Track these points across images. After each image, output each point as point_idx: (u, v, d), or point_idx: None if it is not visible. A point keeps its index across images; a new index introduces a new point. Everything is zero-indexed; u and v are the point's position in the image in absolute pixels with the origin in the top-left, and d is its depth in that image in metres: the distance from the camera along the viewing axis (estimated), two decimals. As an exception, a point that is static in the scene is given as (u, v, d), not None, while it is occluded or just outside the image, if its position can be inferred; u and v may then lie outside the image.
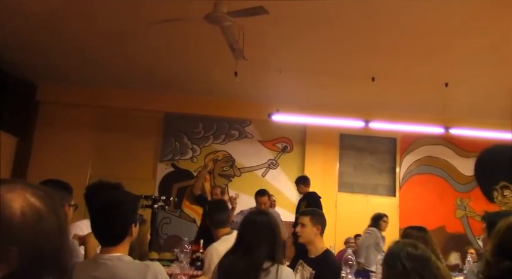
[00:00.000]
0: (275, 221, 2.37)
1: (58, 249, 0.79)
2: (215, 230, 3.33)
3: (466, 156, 8.23)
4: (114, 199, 1.83)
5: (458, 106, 7.25)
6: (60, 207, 0.85)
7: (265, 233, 2.27)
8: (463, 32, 4.88)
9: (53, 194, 0.83)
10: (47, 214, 0.78)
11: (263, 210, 2.57)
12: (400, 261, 1.82)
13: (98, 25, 5.33)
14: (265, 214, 2.44)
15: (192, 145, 8.08)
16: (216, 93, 7.59)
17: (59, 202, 0.86)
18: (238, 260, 2.22)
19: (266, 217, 2.37)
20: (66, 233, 0.83)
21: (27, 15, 5.12)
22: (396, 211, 7.92)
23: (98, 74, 7.17)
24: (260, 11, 3.84)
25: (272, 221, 2.34)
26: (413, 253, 1.84)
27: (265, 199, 5.58)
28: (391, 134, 8.10)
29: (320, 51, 5.65)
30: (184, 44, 5.74)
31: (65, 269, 0.80)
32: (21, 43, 6.02)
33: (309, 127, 7.97)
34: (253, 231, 2.28)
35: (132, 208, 1.87)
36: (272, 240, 2.27)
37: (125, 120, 7.95)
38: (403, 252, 1.84)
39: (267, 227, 2.30)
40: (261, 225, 2.30)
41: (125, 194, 1.90)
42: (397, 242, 1.94)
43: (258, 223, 2.31)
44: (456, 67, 5.82)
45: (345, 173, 8.17)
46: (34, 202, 0.77)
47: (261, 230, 2.28)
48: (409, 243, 1.90)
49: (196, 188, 7.25)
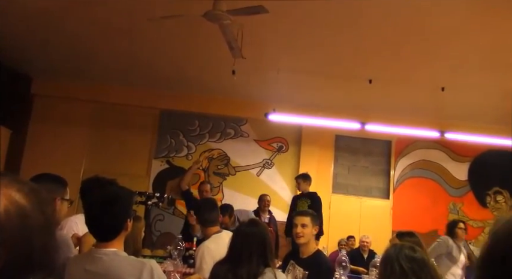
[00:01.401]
0: (265, 231, 2.39)
1: (45, 247, 0.77)
2: (205, 228, 3.32)
3: (460, 160, 8.26)
4: (109, 194, 1.83)
5: (454, 110, 7.29)
6: (47, 203, 0.83)
7: (255, 245, 2.29)
8: (461, 34, 4.90)
9: (38, 190, 0.81)
10: (31, 211, 0.76)
11: (254, 220, 2.58)
12: (398, 262, 1.84)
13: (96, 20, 5.29)
14: (256, 224, 2.45)
15: (187, 142, 8.06)
16: (213, 91, 7.57)
17: (45, 197, 0.84)
18: (227, 271, 2.23)
19: (256, 228, 2.38)
20: (53, 229, 0.82)
21: (25, 8, 5.08)
22: (389, 213, 7.94)
23: (95, 69, 7.13)
24: (260, 9, 3.83)
25: (262, 232, 2.36)
26: (411, 255, 1.86)
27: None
28: (386, 137, 8.13)
29: (318, 52, 5.65)
30: (183, 41, 5.72)
31: (52, 266, 0.79)
32: (18, 36, 5.98)
33: (305, 128, 7.97)
34: (243, 243, 2.30)
35: (127, 203, 1.87)
36: (263, 250, 2.28)
37: (120, 116, 7.91)
38: (401, 254, 1.86)
39: (258, 239, 2.31)
40: (251, 236, 2.32)
41: (120, 190, 1.91)
42: (395, 245, 1.96)
43: (248, 235, 2.33)
44: (453, 71, 5.84)
45: (340, 174, 8.18)
46: (18, 200, 0.75)
47: (251, 241, 2.29)
48: (407, 246, 1.92)
49: (184, 183, 7.16)
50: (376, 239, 6.67)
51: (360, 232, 7.20)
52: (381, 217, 7.82)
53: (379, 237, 6.14)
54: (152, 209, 5.95)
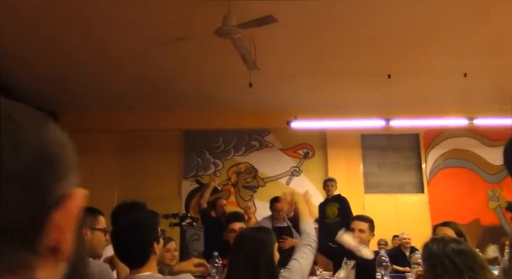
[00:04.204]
0: (272, 238, 2.16)
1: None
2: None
3: (493, 145, 8.02)
4: (130, 220, 1.79)
5: (480, 95, 7.10)
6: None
7: (243, 258, 2.05)
8: (473, 20, 4.79)
9: None
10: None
11: (261, 227, 2.46)
12: (448, 258, 1.75)
13: (107, 49, 5.42)
14: (262, 230, 2.28)
15: (214, 159, 8.11)
16: (232, 105, 7.61)
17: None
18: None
19: (262, 233, 2.19)
20: (82, 260, 0.81)
21: (45, 47, 5.26)
22: (426, 207, 7.76)
23: (115, 98, 7.29)
24: (269, 19, 3.86)
25: (268, 238, 2.13)
26: (459, 248, 1.78)
27: (280, 205, 5.45)
28: (413, 130, 7.98)
29: (332, 52, 5.63)
30: (197, 60, 5.80)
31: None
32: (41, 76, 6.18)
33: (329, 131, 7.91)
34: (233, 254, 2.12)
35: (151, 226, 1.83)
36: (254, 264, 2.01)
37: (146, 141, 8.04)
38: (448, 249, 1.78)
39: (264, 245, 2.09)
40: (240, 249, 2.10)
41: (143, 213, 1.86)
42: (435, 240, 1.89)
43: (237, 247, 2.13)
44: (472, 56, 5.71)
45: (370, 173, 8.06)
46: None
47: (239, 253, 2.09)
48: (450, 240, 1.85)
49: (203, 200, 6.81)
50: (415, 235, 6.50)
51: (399, 229, 7.04)
52: (418, 212, 7.64)
53: (419, 233, 5.98)
54: (188, 229, 5.97)
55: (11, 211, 0.43)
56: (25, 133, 0.45)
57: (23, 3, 4.29)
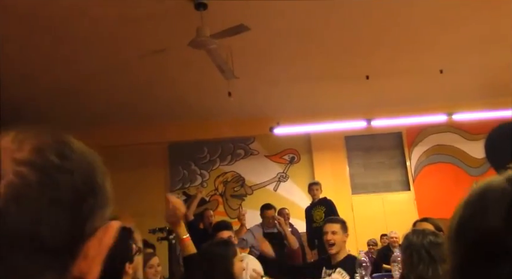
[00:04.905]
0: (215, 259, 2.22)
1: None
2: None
3: (474, 139, 8.13)
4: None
5: (457, 90, 7.21)
6: None
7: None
8: (449, 19, 4.88)
9: None
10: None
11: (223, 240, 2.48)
12: (425, 249, 1.82)
13: (86, 66, 5.39)
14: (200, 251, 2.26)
15: (200, 170, 8.08)
16: (214, 115, 7.61)
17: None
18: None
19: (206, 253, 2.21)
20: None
21: (20, 67, 5.21)
22: (414, 204, 7.83)
23: (96, 114, 7.21)
24: (241, 28, 3.88)
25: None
26: (436, 241, 1.84)
27: (271, 212, 5.46)
28: (395, 129, 8.07)
29: (308, 56, 5.67)
30: (175, 72, 5.79)
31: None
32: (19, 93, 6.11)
33: (313, 135, 7.95)
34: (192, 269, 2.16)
35: (119, 246, 1.77)
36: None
37: (129, 156, 7.96)
38: (426, 241, 1.84)
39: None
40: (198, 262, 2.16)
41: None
42: (416, 231, 1.94)
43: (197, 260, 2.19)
44: (448, 53, 5.81)
45: (356, 174, 8.11)
46: None
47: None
48: (429, 232, 1.90)
49: (190, 212, 6.41)
50: (404, 233, 6.54)
51: (388, 228, 7.08)
52: (405, 209, 7.70)
53: (407, 230, 6.02)
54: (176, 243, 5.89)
55: (60, 232, 0.43)
56: (78, 158, 0.47)
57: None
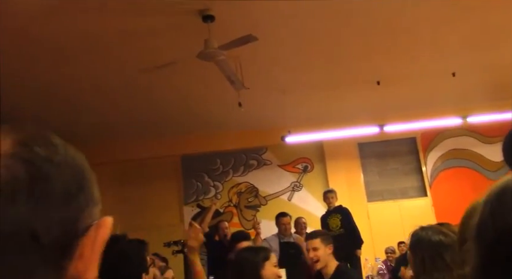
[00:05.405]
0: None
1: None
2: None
3: (490, 142, 7.99)
4: (115, 255, 1.70)
5: (471, 92, 7.11)
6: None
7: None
8: (455, 19, 4.83)
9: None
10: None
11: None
12: (437, 253, 1.75)
13: (99, 81, 5.45)
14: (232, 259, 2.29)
15: (213, 182, 8.06)
16: (226, 126, 7.61)
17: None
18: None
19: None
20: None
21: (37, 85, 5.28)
22: (431, 210, 7.68)
23: (109, 129, 7.28)
24: (249, 38, 3.88)
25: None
26: (447, 242, 1.77)
27: (287, 219, 5.43)
28: (409, 134, 7.96)
29: (319, 64, 5.65)
30: (185, 85, 5.81)
31: None
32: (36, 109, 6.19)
33: (326, 143, 7.89)
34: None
35: (136, 257, 1.77)
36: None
37: (143, 170, 8.00)
38: (435, 238, 1.78)
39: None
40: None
41: (128, 245, 1.81)
42: (423, 228, 1.88)
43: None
44: (458, 55, 5.74)
45: (371, 182, 8.01)
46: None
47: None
48: (437, 230, 1.84)
49: (205, 224, 6.41)
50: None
51: (405, 235, 6.94)
52: (423, 216, 7.53)
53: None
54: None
55: (52, 227, 0.41)
56: (62, 152, 0.47)
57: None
